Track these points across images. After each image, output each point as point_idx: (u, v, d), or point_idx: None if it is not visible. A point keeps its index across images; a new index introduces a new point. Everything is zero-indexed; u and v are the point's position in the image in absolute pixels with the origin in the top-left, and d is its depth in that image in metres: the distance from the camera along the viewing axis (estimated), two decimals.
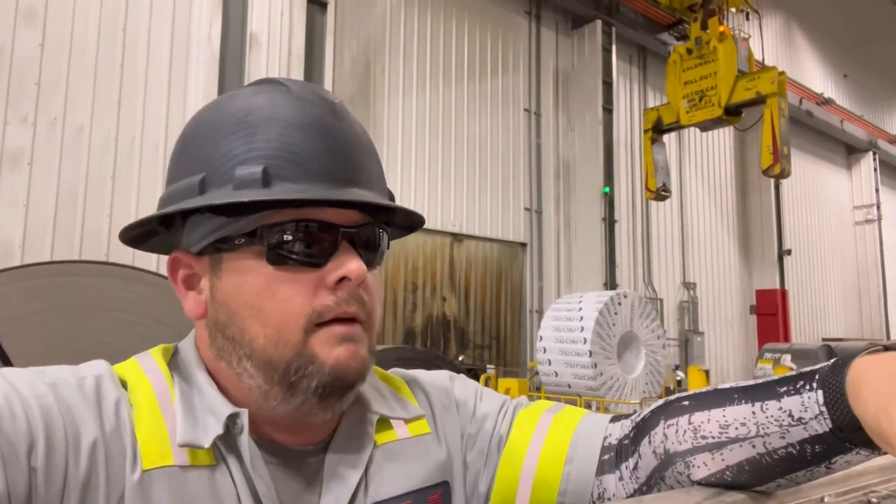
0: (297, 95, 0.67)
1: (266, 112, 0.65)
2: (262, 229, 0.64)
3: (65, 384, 0.61)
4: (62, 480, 0.56)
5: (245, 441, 0.63)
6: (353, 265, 0.63)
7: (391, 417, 0.74)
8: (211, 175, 0.64)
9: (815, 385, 0.57)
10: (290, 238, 0.63)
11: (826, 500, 0.65)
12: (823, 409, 0.55)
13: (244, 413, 0.63)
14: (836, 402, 0.55)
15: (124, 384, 0.65)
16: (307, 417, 0.65)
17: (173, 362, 0.70)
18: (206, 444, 0.61)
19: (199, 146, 0.67)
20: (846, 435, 0.54)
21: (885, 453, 0.54)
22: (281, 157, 0.63)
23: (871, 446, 0.54)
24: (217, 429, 0.62)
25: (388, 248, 0.72)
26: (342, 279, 0.63)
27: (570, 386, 7.30)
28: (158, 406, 0.64)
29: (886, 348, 0.56)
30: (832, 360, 0.58)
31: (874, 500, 0.66)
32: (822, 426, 0.56)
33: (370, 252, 0.67)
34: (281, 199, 0.62)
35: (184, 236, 0.68)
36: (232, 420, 0.63)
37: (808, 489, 0.66)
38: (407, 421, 0.75)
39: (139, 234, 0.71)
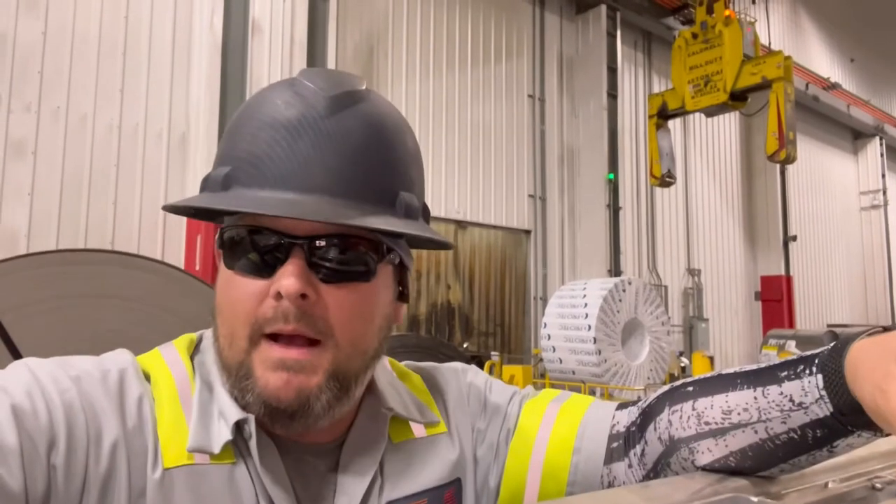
0: (296, 90, 0.64)
1: (253, 111, 0.64)
2: (220, 233, 0.65)
3: (89, 378, 0.60)
4: (82, 478, 0.56)
5: (254, 447, 0.62)
6: (286, 280, 0.59)
7: (406, 418, 0.73)
8: (210, 173, 0.66)
9: (814, 369, 0.57)
10: (238, 244, 0.63)
11: (830, 485, 0.65)
12: (823, 392, 0.55)
13: (251, 419, 0.62)
14: (836, 385, 0.55)
15: (147, 377, 0.65)
16: (285, 431, 0.64)
17: (196, 354, 0.69)
18: (216, 450, 0.61)
19: (220, 142, 0.69)
20: (847, 418, 0.55)
21: (888, 435, 0.55)
22: (244, 160, 0.62)
23: (873, 428, 0.54)
24: (227, 434, 0.62)
25: (380, 262, 0.65)
26: (280, 294, 0.60)
27: (574, 373, 7.31)
28: (180, 402, 0.63)
29: (886, 329, 0.56)
30: (832, 344, 0.58)
31: (878, 485, 0.66)
32: (823, 410, 0.56)
33: (336, 266, 0.62)
34: (196, 207, 0.62)
35: None
36: (241, 425, 0.63)
37: (812, 475, 0.66)
38: (421, 422, 0.75)
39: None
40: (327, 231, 0.62)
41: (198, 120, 6.65)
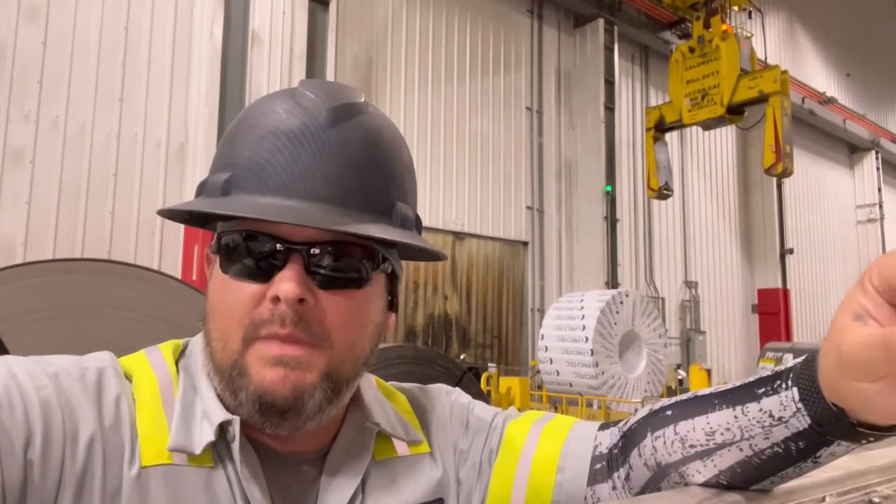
0: (297, 100, 0.65)
1: (254, 119, 0.65)
2: (218, 237, 0.66)
3: (66, 375, 0.60)
4: (58, 474, 0.56)
5: (236, 449, 0.62)
6: (284, 285, 0.60)
7: (391, 435, 0.73)
8: (207, 179, 0.66)
9: (790, 383, 0.57)
10: (236, 249, 0.63)
11: (827, 499, 0.64)
12: (800, 405, 0.55)
13: (236, 421, 0.62)
14: (811, 396, 0.55)
15: (129, 377, 0.65)
16: (274, 431, 0.64)
17: (182, 359, 0.70)
18: (198, 451, 0.61)
19: (217, 149, 0.69)
20: (825, 429, 0.54)
21: (865, 442, 0.54)
22: (245, 167, 0.63)
23: (851, 437, 0.54)
24: (209, 435, 0.62)
25: (374, 270, 0.66)
26: (278, 298, 0.61)
27: (571, 385, 7.30)
28: (162, 402, 0.63)
29: None
30: (804, 357, 0.58)
31: (875, 499, 0.66)
32: (802, 423, 0.56)
33: (333, 272, 0.63)
34: (196, 211, 0.63)
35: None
36: (225, 427, 0.63)
37: (810, 489, 0.65)
38: (405, 441, 0.75)
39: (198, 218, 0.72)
40: (325, 238, 0.63)
41: (196, 130, 6.67)
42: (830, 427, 0.54)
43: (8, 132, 5.89)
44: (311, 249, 0.62)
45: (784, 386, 0.57)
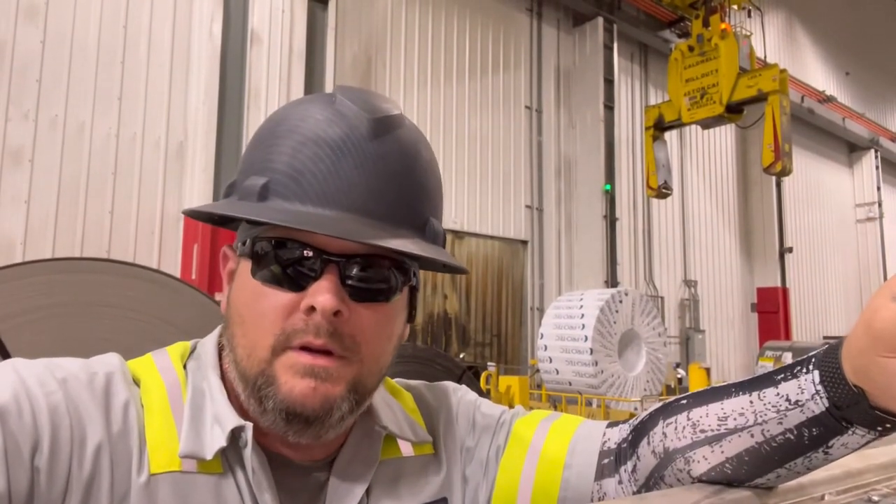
0: (338, 108, 0.64)
1: (293, 124, 0.64)
2: (251, 242, 0.64)
3: (75, 381, 0.60)
4: (65, 481, 0.56)
5: (248, 455, 0.62)
6: (321, 297, 0.60)
7: (399, 437, 0.73)
8: (238, 180, 0.66)
9: (811, 367, 0.57)
10: (270, 256, 0.63)
11: (827, 497, 0.65)
12: (819, 387, 0.55)
13: (249, 427, 0.62)
14: (833, 377, 0.54)
15: (137, 382, 0.65)
16: (297, 439, 0.64)
17: (190, 362, 0.69)
18: (209, 456, 0.61)
19: (246, 150, 0.68)
20: (842, 412, 0.54)
21: (881, 434, 0.54)
22: (284, 173, 0.62)
23: (868, 422, 0.54)
24: (221, 441, 0.61)
25: (404, 283, 0.67)
26: (312, 308, 0.60)
27: (570, 384, 7.30)
28: (170, 408, 0.63)
29: None
30: (827, 344, 0.58)
31: (875, 498, 0.65)
32: (819, 406, 0.55)
33: (366, 285, 0.63)
34: (229, 216, 0.62)
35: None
36: (237, 432, 0.63)
37: (809, 487, 0.66)
38: (413, 442, 0.75)
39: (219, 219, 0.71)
40: (361, 251, 0.62)
41: (196, 129, 6.66)
42: (849, 410, 0.53)
43: (7, 131, 5.89)
44: (348, 261, 0.62)
45: (804, 370, 0.57)
